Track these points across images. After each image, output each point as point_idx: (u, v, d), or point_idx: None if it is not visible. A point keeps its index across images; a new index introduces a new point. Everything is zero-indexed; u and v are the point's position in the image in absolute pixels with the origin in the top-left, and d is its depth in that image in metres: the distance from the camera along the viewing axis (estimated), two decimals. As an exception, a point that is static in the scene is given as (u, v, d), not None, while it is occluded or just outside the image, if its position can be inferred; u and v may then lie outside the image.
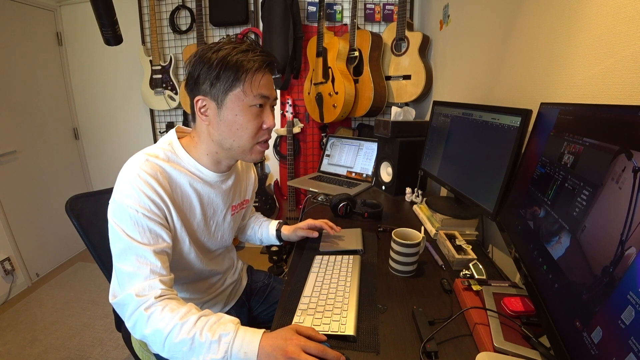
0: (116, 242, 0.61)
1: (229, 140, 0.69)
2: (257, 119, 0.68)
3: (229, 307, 0.90)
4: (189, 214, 0.73)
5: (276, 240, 1.01)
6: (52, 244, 2.30)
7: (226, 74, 0.63)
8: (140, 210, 0.61)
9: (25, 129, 2.11)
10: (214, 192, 0.78)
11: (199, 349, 0.53)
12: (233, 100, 0.65)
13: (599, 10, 0.63)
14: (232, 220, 0.88)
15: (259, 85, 0.66)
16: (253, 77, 0.65)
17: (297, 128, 2.11)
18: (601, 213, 0.43)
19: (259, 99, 0.67)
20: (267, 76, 0.68)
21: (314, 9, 1.97)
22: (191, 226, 0.75)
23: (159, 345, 0.56)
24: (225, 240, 0.88)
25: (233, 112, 0.66)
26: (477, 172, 0.93)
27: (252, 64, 0.64)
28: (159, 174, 0.66)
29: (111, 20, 1.24)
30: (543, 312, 0.52)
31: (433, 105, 1.27)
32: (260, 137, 0.71)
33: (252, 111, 0.67)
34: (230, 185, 0.83)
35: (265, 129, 0.71)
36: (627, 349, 0.33)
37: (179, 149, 0.72)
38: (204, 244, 0.81)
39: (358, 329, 0.63)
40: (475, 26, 1.21)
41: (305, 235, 0.95)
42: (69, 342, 1.61)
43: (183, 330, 0.54)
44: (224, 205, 0.83)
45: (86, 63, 2.36)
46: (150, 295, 0.57)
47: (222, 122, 0.67)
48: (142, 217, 0.62)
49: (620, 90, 0.57)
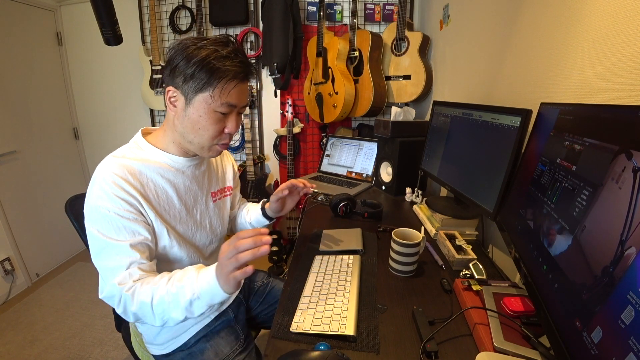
0: (94, 243, 0.65)
1: (190, 136, 0.72)
2: (219, 123, 0.71)
3: (225, 306, 0.90)
4: (166, 205, 0.75)
5: (265, 220, 1.01)
6: (52, 244, 2.30)
7: (200, 75, 0.65)
8: (112, 210, 0.64)
9: (25, 129, 2.11)
10: (188, 179, 0.80)
11: (175, 299, 0.60)
12: (200, 102, 0.67)
13: (599, 10, 0.63)
14: (216, 207, 0.90)
15: (228, 94, 0.68)
16: (224, 85, 0.67)
17: (297, 128, 2.11)
18: (601, 213, 0.43)
19: (224, 107, 0.69)
20: (240, 86, 0.69)
21: (314, 9, 1.97)
22: (170, 217, 0.76)
23: (149, 316, 0.62)
24: (216, 229, 0.90)
25: (198, 112, 0.68)
26: (477, 172, 0.93)
27: (226, 72, 0.66)
28: (126, 172, 0.68)
29: (111, 20, 1.24)
30: (543, 312, 0.52)
31: (433, 105, 1.27)
32: (221, 140, 0.74)
33: (216, 116, 0.69)
34: (204, 170, 0.85)
35: (227, 133, 0.73)
36: (627, 349, 0.33)
37: (143, 144, 0.75)
38: (192, 236, 0.81)
39: (358, 329, 0.63)
40: (475, 26, 1.21)
41: (279, 196, 0.94)
42: (69, 342, 1.61)
43: (159, 292, 0.61)
44: (202, 192, 0.85)
45: (86, 63, 2.36)
46: (130, 280, 0.63)
47: (187, 118, 0.70)
48: (115, 217, 0.64)
49: (620, 90, 0.57)
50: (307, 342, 0.61)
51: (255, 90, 2.14)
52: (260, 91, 2.18)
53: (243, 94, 0.71)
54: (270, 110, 2.22)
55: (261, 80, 2.15)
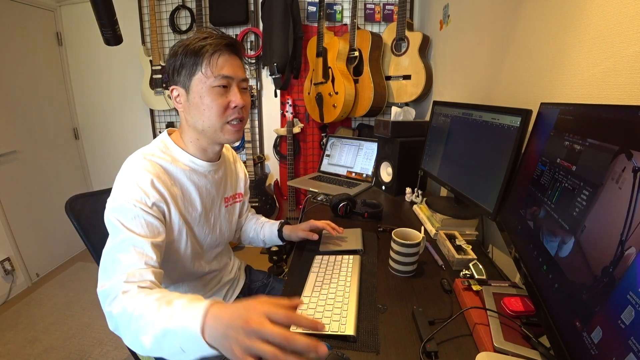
0: (114, 233, 0.62)
1: (199, 122, 0.72)
2: (222, 98, 0.71)
3: None
4: (190, 207, 0.76)
5: (278, 240, 1.01)
6: (52, 244, 2.30)
7: (187, 60, 0.68)
8: (138, 205, 0.64)
9: (25, 129, 2.11)
10: (209, 183, 0.82)
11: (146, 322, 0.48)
12: (197, 84, 0.69)
13: (599, 10, 0.63)
14: (227, 213, 0.91)
15: (217, 67, 0.69)
16: (210, 59, 0.68)
17: (297, 128, 2.11)
18: (601, 213, 0.43)
19: (220, 80, 0.69)
20: (226, 57, 0.70)
21: (314, 9, 1.97)
22: (191, 219, 0.77)
23: (126, 327, 0.51)
24: (224, 234, 0.91)
25: (198, 95, 0.70)
26: (477, 172, 0.93)
27: (208, 47, 0.68)
28: (158, 170, 0.69)
29: (111, 20, 1.24)
30: (543, 312, 0.52)
31: (433, 105, 1.26)
32: (229, 116, 0.73)
33: (216, 91, 0.70)
34: (222, 175, 0.87)
35: (233, 107, 0.72)
36: (627, 349, 0.33)
37: (171, 144, 0.76)
38: (204, 239, 0.82)
39: (358, 329, 0.63)
40: (475, 26, 1.21)
41: (305, 237, 0.95)
42: (69, 342, 1.61)
43: (141, 305, 0.50)
44: (218, 197, 0.86)
45: (86, 63, 2.36)
46: (138, 282, 0.56)
47: (192, 105, 0.71)
48: (141, 211, 0.64)
49: (620, 90, 0.57)
50: (307, 342, 0.61)
51: (255, 90, 2.14)
52: (260, 91, 2.18)
53: (235, 66, 0.72)
54: (270, 110, 2.22)
55: (261, 80, 2.16)
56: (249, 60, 2.07)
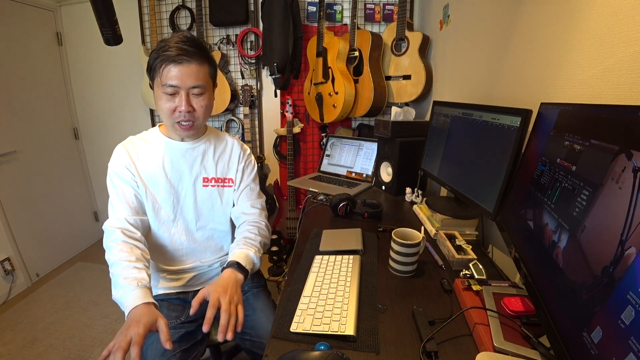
0: (110, 185, 0.89)
1: (161, 116, 0.87)
2: (169, 102, 0.82)
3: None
4: (153, 178, 0.91)
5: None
6: (52, 244, 2.30)
7: (152, 65, 0.80)
8: (114, 172, 0.88)
9: (25, 129, 2.11)
10: (182, 157, 0.93)
11: (115, 286, 0.73)
12: (156, 86, 0.83)
13: (599, 10, 0.63)
14: (206, 193, 0.96)
15: (166, 77, 0.79)
16: (162, 70, 0.79)
17: (297, 128, 2.11)
18: (601, 213, 0.43)
19: (167, 88, 0.80)
20: (179, 67, 0.78)
21: (314, 9, 1.97)
22: (151, 185, 0.91)
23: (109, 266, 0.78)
24: (202, 211, 0.96)
25: (155, 95, 0.84)
26: (477, 172, 0.93)
27: (161, 58, 0.78)
28: (130, 146, 0.90)
29: (111, 20, 1.24)
30: (543, 312, 0.52)
31: (433, 105, 1.26)
32: (176, 118, 0.84)
33: (164, 97, 0.81)
34: (200, 154, 0.95)
35: (179, 112, 0.83)
36: (627, 349, 0.33)
37: (155, 130, 0.95)
38: (175, 205, 0.93)
39: (358, 329, 0.63)
40: (475, 26, 1.21)
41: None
42: (69, 342, 1.61)
43: (114, 268, 0.76)
44: (190, 172, 0.94)
45: (86, 63, 2.36)
46: (115, 227, 0.82)
47: (155, 101, 0.85)
48: (115, 177, 0.88)
49: (620, 90, 0.57)
50: (307, 342, 0.61)
51: (255, 90, 2.14)
52: (260, 91, 2.18)
53: (185, 75, 0.79)
54: (270, 110, 2.22)
55: (261, 80, 2.15)
56: (249, 60, 2.07)
